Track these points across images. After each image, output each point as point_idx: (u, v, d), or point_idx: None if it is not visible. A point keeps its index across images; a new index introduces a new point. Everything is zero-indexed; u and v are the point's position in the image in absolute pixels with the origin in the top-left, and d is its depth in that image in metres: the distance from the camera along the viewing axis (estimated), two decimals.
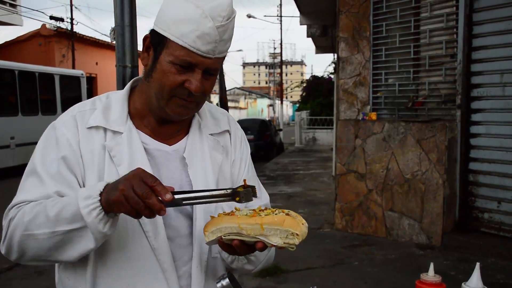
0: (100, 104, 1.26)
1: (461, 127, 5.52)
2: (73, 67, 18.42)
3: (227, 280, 0.96)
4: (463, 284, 1.22)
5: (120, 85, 3.53)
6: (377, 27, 6.26)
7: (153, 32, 1.17)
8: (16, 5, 17.31)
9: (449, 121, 5.51)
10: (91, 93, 20.16)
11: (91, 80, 20.58)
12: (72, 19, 19.74)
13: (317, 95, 24.14)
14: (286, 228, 0.97)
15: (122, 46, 3.50)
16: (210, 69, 1.16)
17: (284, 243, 0.98)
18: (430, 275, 1.30)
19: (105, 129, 1.21)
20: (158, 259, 1.18)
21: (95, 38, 21.27)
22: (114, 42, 3.69)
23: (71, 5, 20.19)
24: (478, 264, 1.09)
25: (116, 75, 3.50)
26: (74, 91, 15.20)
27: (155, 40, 1.16)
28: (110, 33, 3.81)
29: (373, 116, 6.17)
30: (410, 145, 5.64)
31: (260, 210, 1.05)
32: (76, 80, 15.39)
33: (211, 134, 1.34)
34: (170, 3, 1.14)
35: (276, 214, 1.01)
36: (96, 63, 20.98)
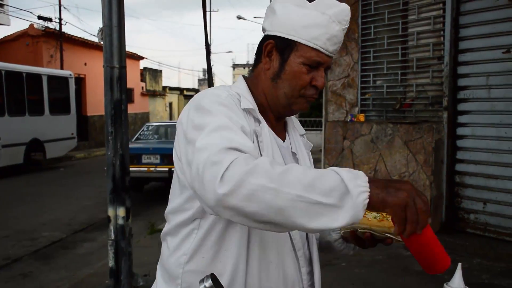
0: (233, 92, 1.28)
1: (448, 128, 5.57)
2: (61, 68, 18.26)
3: (209, 281, 0.96)
4: (445, 284, 1.23)
5: (108, 86, 3.51)
6: (365, 29, 6.31)
7: (277, 38, 1.27)
8: (3, 5, 17.16)
9: (436, 123, 5.55)
10: (80, 94, 20.02)
11: (80, 81, 20.42)
12: (60, 19, 19.55)
13: None
14: None
15: (110, 46, 3.48)
16: (329, 66, 1.31)
17: None
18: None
19: (250, 115, 1.25)
20: (293, 239, 1.28)
21: (84, 39, 21.10)
22: (102, 42, 3.66)
23: (60, 5, 20.00)
24: (460, 264, 1.10)
25: (103, 75, 3.48)
26: (62, 92, 15.10)
27: (282, 45, 1.27)
28: (98, 33, 3.78)
29: (361, 117, 6.20)
30: (397, 147, 5.68)
31: (386, 214, 1.15)
32: (64, 80, 15.29)
33: (300, 135, 1.48)
34: (291, 11, 1.25)
35: None
36: (85, 64, 20.83)
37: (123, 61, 3.45)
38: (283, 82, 1.28)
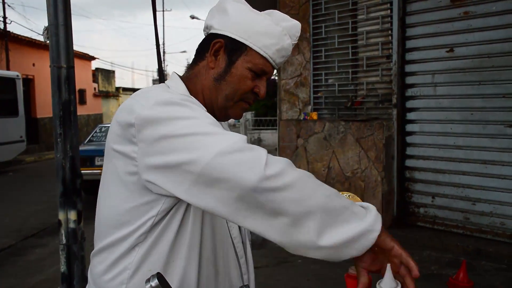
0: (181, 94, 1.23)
1: (397, 125, 5.74)
2: (8, 69, 17.54)
3: (156, 281, 0.95)
4: (377, 285, 1.18)
5: (56, 87, 3.41)
6: (316, 28, 6.41)
7: (227, 38, 1.25)
8: None
9: (386, 120, 5.71)
10: (29, 95, 19.31)
11: (29, 82, 19.70)
12: (5, 17, 18.80)
13: None
14: None
15: (56, 46, 3.38)
16: (270, 77, 1.32)
17: None
18: None
19: None
20: (236, 247, 1.29)
21: (32, 38, 20.32)
22: (48, 41, 3.55)
23: (4, 3, 19.22)
24: (388, 265, 1.07)
25: (50, 76, 3.39)
26: (9, 94, 14.49)
27: (232, 46, 1.25)
28: (44, 32, 3.69)
29: (314, 116, 6.30)
30: (349, 144, 5.80)
31: None
32: (11, 82, 14.68)
33: None
34: (245, 15, 1.25)
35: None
36: (33, 65, 20.09)
37: (71, 60, 3.36)
38: (227, 84, 1.26)
